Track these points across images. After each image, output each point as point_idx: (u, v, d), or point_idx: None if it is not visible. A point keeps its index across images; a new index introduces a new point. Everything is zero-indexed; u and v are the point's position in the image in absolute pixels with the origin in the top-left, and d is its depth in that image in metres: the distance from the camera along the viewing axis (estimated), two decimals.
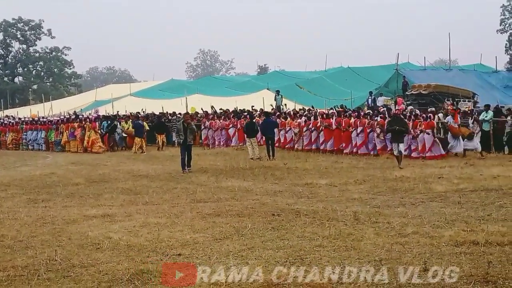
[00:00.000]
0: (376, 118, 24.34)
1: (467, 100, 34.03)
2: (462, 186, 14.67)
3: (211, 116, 33.70)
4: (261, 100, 38.09)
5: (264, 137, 25.47)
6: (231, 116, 31.96)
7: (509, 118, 23.42)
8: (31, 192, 15.90)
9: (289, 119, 28.58)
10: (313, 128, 26.40)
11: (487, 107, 24.47)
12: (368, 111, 27.59)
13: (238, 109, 35.08)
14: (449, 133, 22.73)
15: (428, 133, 22.02)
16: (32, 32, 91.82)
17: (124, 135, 32.92)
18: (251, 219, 11.06)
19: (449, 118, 23.48)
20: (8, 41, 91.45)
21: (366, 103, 37.21)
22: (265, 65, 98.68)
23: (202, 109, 36.83)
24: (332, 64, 64.52)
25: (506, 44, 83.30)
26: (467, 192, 13.76)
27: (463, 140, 22.18)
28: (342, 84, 49.11)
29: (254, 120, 25.68)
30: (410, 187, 14.86)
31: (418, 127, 22.37)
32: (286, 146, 27.77)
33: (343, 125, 25.15)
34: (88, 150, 31.47)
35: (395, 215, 11.05)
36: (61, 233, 10.36)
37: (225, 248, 8.84)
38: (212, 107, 36.71)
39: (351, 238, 9.20)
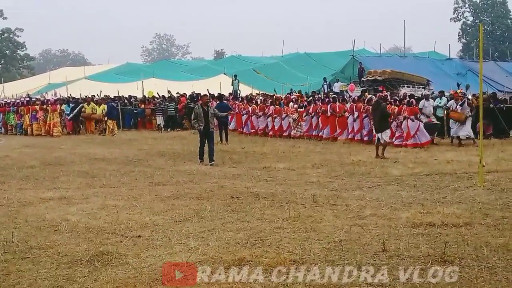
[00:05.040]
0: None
1: (421, 86, 34.64)
2: (417, 170, 14.93)
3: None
4: (218, 85, 38.05)
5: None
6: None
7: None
8: None
9: (284, 106, 27.18)
10: (313, 114, 25.23)
11: (441, 94, 24.84)
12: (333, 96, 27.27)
13: (195, 93, 34.96)
14: (450, 118, 21.97)
15: (412, 120, 20.99)
16: None
17: (81, 118, 32.36)
18: (211, 201, 11.05)
19: (451, 102, 22.42)
20: None
21: (322, 88, 37.53)
22: (221, 49, 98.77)
23: (158, 93, 36.68)
24: (288, 50, 64.71)
25: (459, 32, 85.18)
26: (422, 176, 14.01)
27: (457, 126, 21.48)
28: (299, 69, 49.49)
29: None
30: (366, 171, 15.06)
31: (402, 113, 21.27)
32: (284, 134, 26.27)
33: (337, 110, 24.19)
34: (49, 133, 30.70)
35: (353, 198, 11.18)
36: (17, 215, 10.19)
37: (185, 230, 8.82)
38: (169, 91, 36.53)
39: (311, 220, 9.27)
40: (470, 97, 24.27)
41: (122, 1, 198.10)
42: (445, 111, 22.75)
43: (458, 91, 24.74)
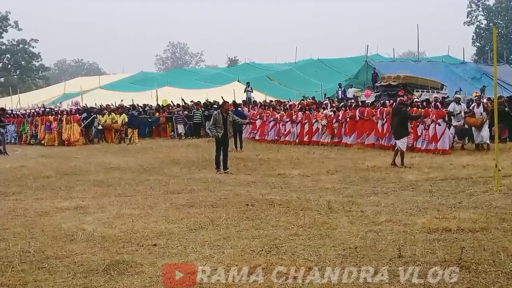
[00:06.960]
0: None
1: (435, 91, 34.48)
2: (432, 175, 14.87)
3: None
4: (232, 92, 38.14)
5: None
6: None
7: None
8: (1, 185, 15.62)
9: (314, 111, 26.92)
10: (343, 120, 24.85)
11: None
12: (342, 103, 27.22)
13: (208, 101, 35.08)
14: (467, 124, 21.58)
15: (439, 124, 20.54)
16: None
17: (100, 127, 32.49)
18: (225, 209, 11.05)
19: (474, 105, 22.03)
20: None
21: (336, 94, 37.50)
22: (235, 57, 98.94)
23: (172, 101, 36.81)
24: (302, 56, 64.76)
25: (473, 36, 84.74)
26: (438, 181, 13.96)
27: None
28: (312, 76, 49.49)
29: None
30: (381, 176, 15.01)
31: (430, 116, 20.78)
32: (313, 139, 25.92)
33: (366, 114, 23.90)
34: (71, 143, 30.66)
35: (368, 204, 11.15)
36: (34, 225, 10.23)
37: (201, 238, 8.82)
38: (182, 99, 36.66)
39: (326, 227, 9.26)
40: (485, 100, 24.06)
41: (135, 11, 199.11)
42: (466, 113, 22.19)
43: (474, 94, 24.44)
